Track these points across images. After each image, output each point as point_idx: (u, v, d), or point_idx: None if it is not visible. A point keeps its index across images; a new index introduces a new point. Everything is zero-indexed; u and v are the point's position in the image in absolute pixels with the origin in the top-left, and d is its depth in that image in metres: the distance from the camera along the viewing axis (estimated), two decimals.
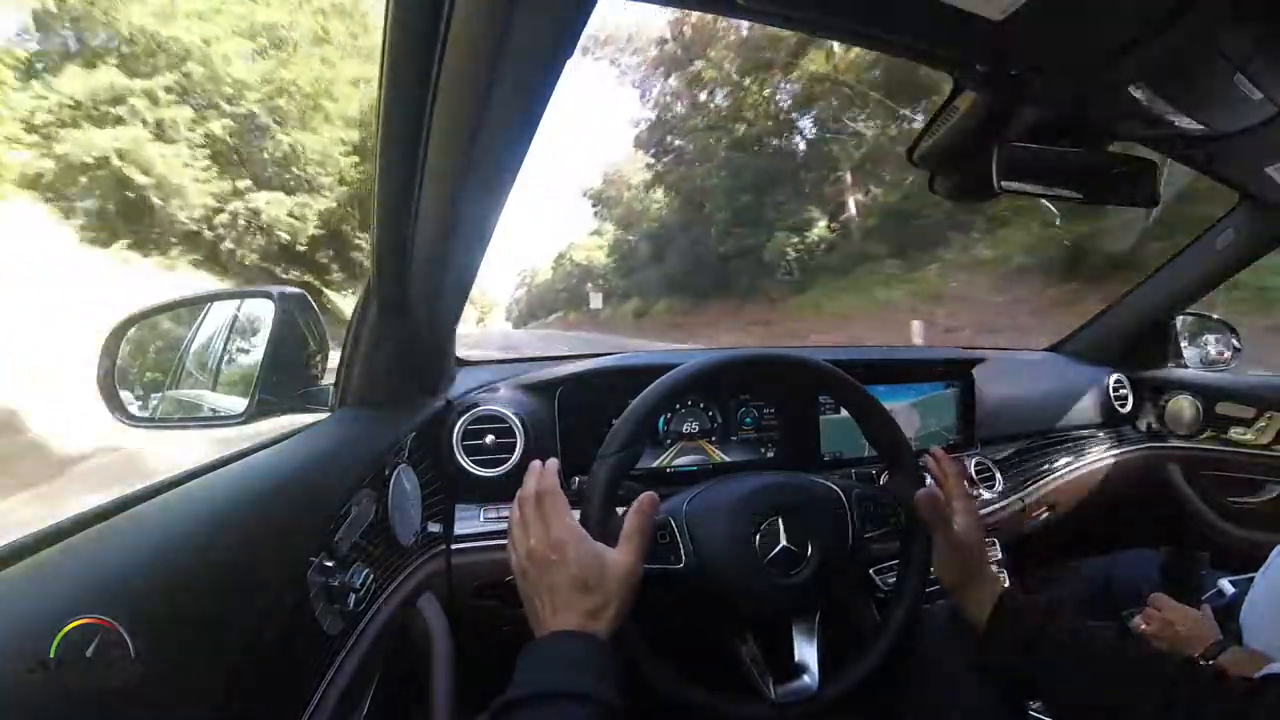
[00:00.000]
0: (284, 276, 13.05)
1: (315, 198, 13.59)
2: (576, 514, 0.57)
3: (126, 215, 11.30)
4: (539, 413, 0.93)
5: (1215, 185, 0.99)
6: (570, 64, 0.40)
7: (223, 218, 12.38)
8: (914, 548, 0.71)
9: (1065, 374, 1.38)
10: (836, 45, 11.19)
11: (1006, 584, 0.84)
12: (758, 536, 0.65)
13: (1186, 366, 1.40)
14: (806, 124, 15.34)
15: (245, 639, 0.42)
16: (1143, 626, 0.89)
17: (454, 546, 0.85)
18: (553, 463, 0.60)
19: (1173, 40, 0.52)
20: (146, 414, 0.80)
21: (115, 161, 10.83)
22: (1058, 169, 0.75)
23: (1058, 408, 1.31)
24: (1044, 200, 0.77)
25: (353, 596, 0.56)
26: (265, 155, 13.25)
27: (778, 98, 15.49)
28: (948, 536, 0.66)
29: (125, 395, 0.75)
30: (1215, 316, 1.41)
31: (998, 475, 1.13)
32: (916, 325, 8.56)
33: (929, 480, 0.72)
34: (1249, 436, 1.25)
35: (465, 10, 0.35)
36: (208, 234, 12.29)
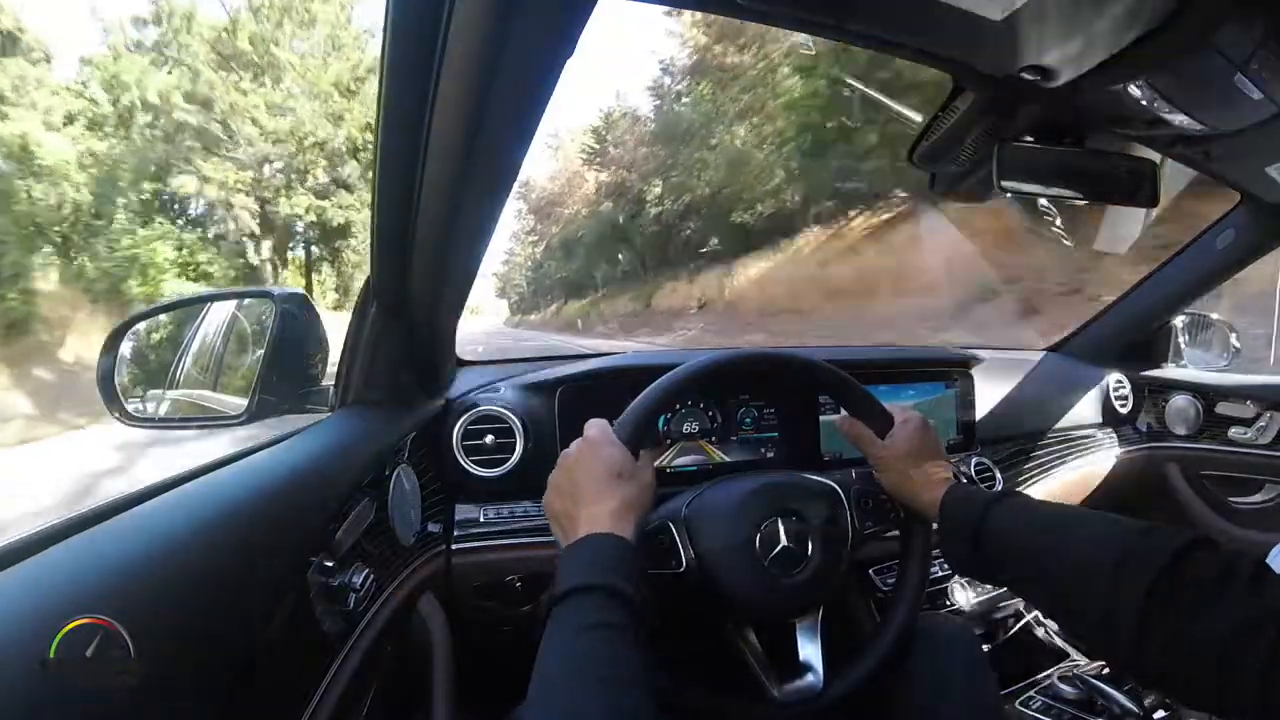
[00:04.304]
0: None
1: None
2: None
3: None
4: (539, 413, 0.93)
5: None
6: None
7: None
8: (913, 545, 0.71)
9: (1065, 374, 1.37)
10: None
11: None
12: (758, 537, 0.65)
13: (1186, 366, 1.39)
14: None
15: (245, 639, 0.42)
16: None
17: (454, 547, 0.85)
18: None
19: (1173, 40, 0.52)
20: (146, 414, 0.80)
21: None
22: (1058, 169, 0.75)
23: (1058, 408, 1.30)
24: (1043, 200, 0.77)
25: (353, 596, 0.56)
26: None
27: None
28: (877, 450, 0.70)
29: (125, 395, 0.76)
30: (1215, 316, 1.40)
31: (998, 475, 1.12)
32: None
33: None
34: (1249, 436, 1.25)
35: (465, 10, 0.35)
36: None
